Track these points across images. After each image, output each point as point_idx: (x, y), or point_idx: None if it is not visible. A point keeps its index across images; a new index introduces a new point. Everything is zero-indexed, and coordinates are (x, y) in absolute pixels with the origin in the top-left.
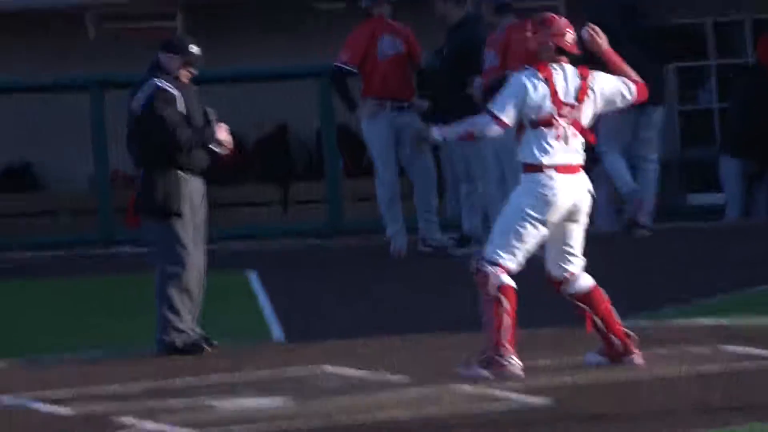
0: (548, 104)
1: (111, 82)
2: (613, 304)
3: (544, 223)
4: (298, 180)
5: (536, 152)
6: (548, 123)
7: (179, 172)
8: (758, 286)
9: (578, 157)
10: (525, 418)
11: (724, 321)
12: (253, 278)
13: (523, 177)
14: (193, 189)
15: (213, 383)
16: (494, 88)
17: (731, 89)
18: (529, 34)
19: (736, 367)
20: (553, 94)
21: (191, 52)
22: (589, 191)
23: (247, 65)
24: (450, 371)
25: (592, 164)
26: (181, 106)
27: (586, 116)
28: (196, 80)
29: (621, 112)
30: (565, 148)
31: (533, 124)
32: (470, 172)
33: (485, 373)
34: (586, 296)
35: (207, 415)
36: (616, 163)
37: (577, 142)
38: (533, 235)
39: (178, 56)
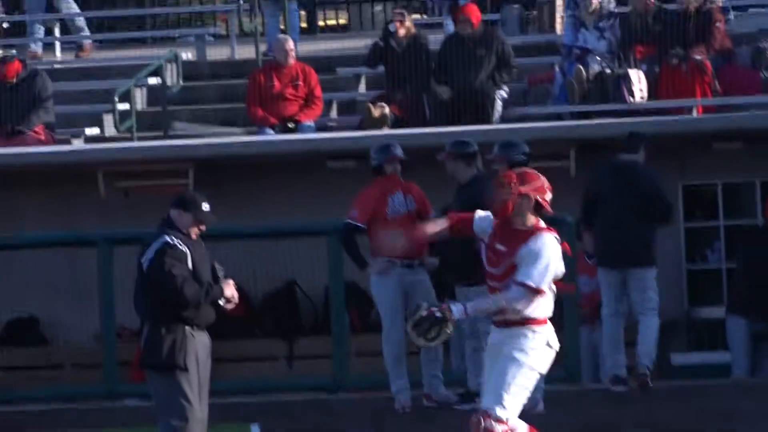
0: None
1: (120, 239)
2: None
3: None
4: (304, 335)
5: (546, 307)
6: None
7: (186, 327)
8: None
9: None
10: None
11: None
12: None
13: (530, 331)
14: (198, 344)
15: None
16: None
17: (739, 249)
18: (521, 188)
19: None
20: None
21: (202, 210)
22: None
23: (257, 221)
24: None
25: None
26: (189, 262)
27: None
28: (206, 236)
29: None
30: None
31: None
32: (475, 329)
33: None
34: None
35: None
36: (611, 329)
37: None
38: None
39: (189, 213)
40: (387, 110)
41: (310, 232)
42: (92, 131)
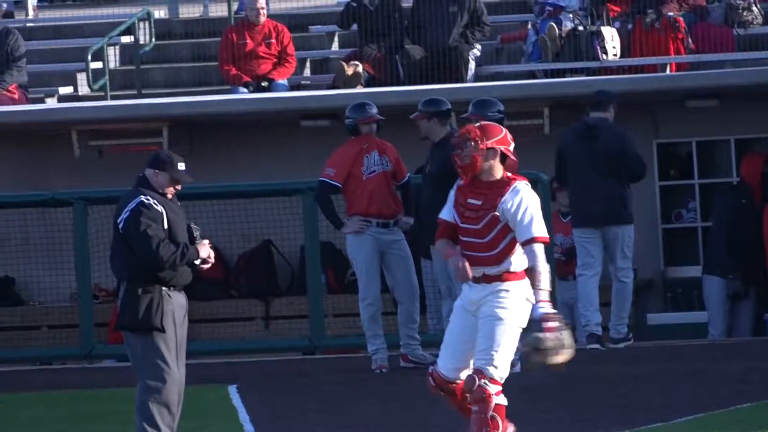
0: None
1: (95, 198)
2: (594, 419)
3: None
4: (280, 296)
5: (523, 260)
6: None
7: (162, 287)
8: (739, 405)
9: None
10: None
11: None
12: (234, 393)
13: (510, 286)
14: (175, 304)
15: None
16: None
17: (714, 208)
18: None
19: None
20: None
21: (178, 169)
22: None
23: (232, 181)
24: None
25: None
26: (165, 222)
27: None
28: (181, 195)
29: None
30: None
31: None
32: (453, 290)
33: None
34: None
35: None
36: (586, 288)
37: None
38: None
39: (165, 173)
40: (360, 69)
41: (285, 191)
42: (66, 90)
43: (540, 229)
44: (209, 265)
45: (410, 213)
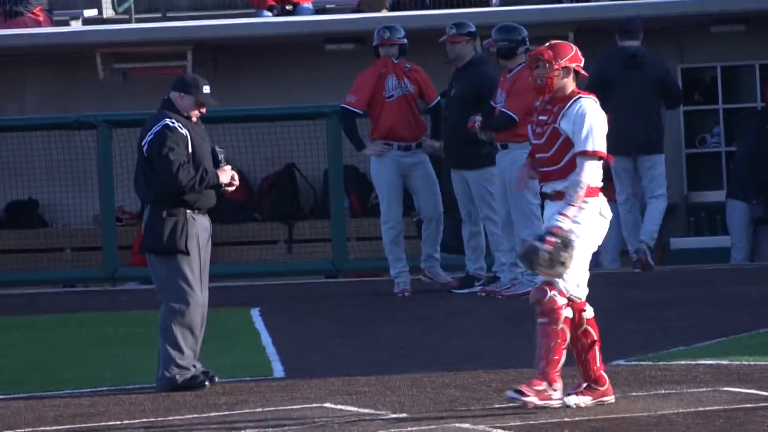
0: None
1: (119, 121)
2: (616, 343)
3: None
4: (303, 219)
5: (595, 176)
6: None
7: (187, 210)
8: (760, 329)
9: None
10: None
11: (725, 362)
12: (256, 316)
13: (582, 201)
14: (199, 227)
15: (213, 420)
16: (496, 124)
17: (739, 133)
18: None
19: (735, 408)
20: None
21: (203, 92)
22: None
23: (256, 105)
24: (452, 409)
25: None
26: (189, 145)
27: None
28: (206, 119)
29: (620, 161)
30: None
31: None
32: (472, 214)
33: (535, 400)
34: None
35: None
36: (629, 215)
37: None
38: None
39: (190, 96)
40: None
41: (309, 115)
42: (90, 13)
43: (596, 143)
44: (234, 188)
45: (438, 136)
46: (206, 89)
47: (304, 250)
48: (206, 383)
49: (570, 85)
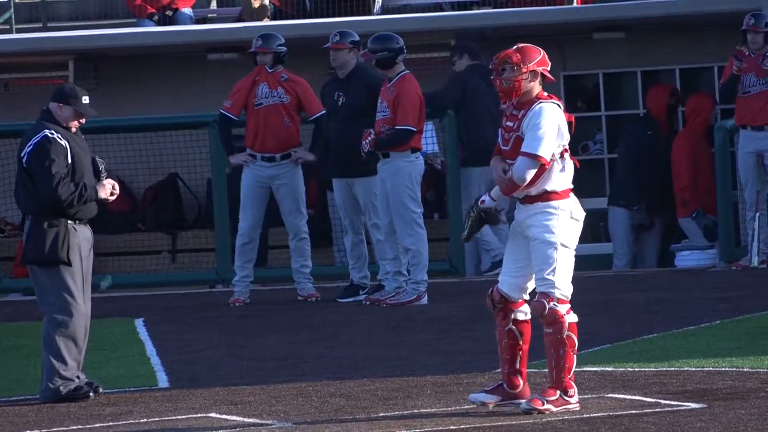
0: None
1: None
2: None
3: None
4: (187, 229)
5: (565, 178)
6: (565, 150)
7: (68, 221)
8: (644, 335)
9: None
10: None
11: (609, 369)
12: (141, 326)
13: (552, 207)
14: (81, 238)
15: (98, 431)
16: (395, 141)
17: (621, 139)
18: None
19: (620, 414)
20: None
21: (82, 103)
22: None
23: (139, 115)
24: (337, 418)
25: None
26: (68, 156)
27: None
28: (87, 129)
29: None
30: None
31: (561, 153)
32: (355, 224)
33: (551, 408)
34: (524, 326)
35: None
36: None
37: None
38: None
39: (69, 106)
40: (267, 1)
41: (192, 124)
42: None
43: (540, 148)
44: (114, 197)
45: (315, 149)
46: (86, 99)
47: (188, 260)
48: (90, 394)
49: (536, 89)
